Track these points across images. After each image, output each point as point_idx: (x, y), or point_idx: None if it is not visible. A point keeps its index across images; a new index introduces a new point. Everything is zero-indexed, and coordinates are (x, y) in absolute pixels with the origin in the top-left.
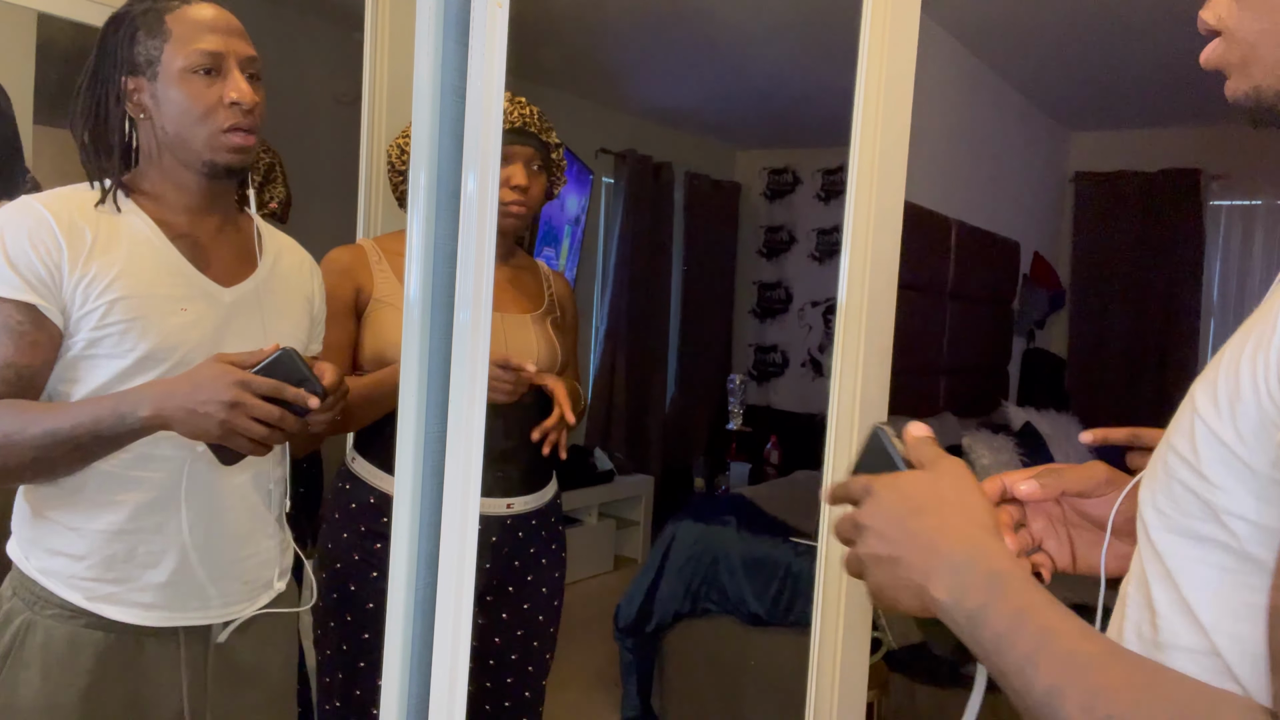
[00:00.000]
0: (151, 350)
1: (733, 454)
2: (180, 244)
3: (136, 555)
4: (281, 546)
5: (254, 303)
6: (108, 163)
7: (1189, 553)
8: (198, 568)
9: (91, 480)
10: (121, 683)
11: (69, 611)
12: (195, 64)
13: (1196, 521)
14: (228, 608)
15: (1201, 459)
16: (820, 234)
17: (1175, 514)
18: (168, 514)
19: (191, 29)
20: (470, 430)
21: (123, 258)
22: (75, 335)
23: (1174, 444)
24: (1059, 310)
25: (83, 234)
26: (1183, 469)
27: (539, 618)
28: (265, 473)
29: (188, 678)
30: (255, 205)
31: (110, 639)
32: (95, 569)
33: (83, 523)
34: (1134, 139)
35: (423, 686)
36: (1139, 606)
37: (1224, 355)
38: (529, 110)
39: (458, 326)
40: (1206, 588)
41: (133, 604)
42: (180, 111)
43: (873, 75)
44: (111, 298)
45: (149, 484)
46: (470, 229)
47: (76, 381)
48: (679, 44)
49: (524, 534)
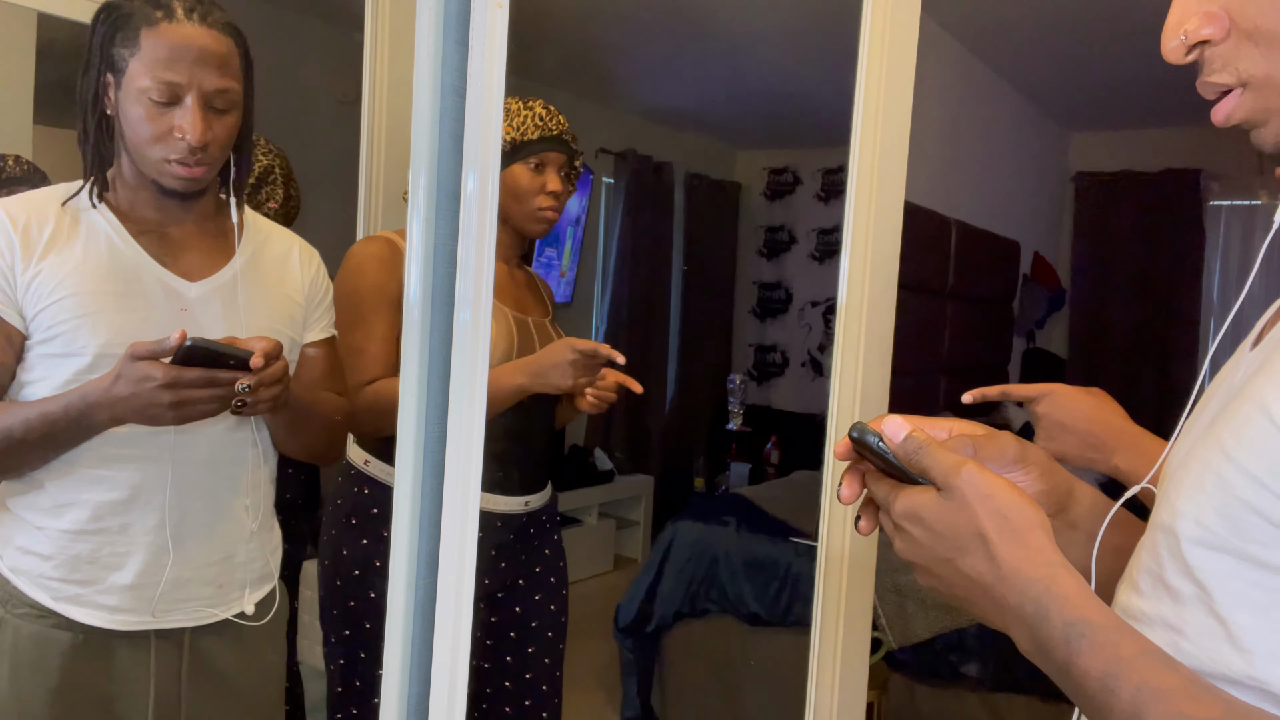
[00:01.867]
0: (104, 346)
1: (733, 454)
2: (146, 239)
3: (101, 556)
4: (266, 550)
5: (223, 296)
6: (92, 152)
7: (1239, 573)
8: (166, 571)
9: (52, 479)
10: (90, 685)
11: (38, 611)
12: (151, 90)
13: (1258, 546)
14: (200, 611)
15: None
16: (820, 234)
17: (1228, 533)
18: (132, 515)
19: (159, 51)
20: (470, 430)
21: (77, 256)
22: (34, 335)
23: (1236, 457)
24: (1059, 310)
25: (37, 234)
26: (1247, 486)
27: (551, 607)
28: (245, 475)
29: (156, 682)
30: (243, 204)
31: (78, 640)
32: (61, 569)
33: (48, 522)
34: (1134, 139)
35: (423, 686)
36: (1159, 624)
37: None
38: (561, 118)
39: (458, 326)
40: (1258, 614)
41: (99, 606)
42: (135, 126)
43: (873, 75)
44: (61, 295)
45: (111, 483)
46: (470, 229)
47: (41, 380)
48: (679, 44)
49: (534, 529)
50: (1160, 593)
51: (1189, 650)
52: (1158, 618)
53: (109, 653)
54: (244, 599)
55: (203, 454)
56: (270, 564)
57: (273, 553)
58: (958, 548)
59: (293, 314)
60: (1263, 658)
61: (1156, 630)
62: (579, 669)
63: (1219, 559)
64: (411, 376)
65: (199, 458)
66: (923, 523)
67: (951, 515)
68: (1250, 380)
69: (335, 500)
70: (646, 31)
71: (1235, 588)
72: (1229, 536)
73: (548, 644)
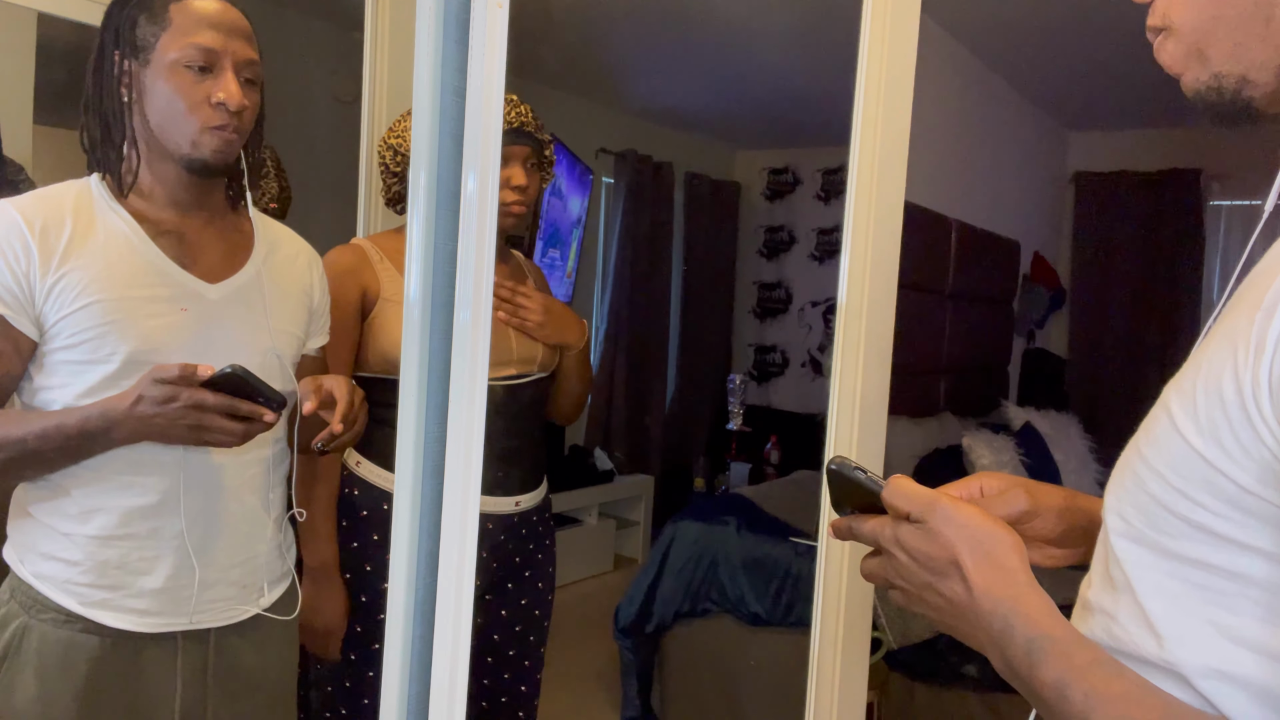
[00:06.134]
0: (133, 353)
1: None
2: (164, 241)
3: (130, 562)
4: (282, 549)
5: (244, 298)
6: (102, 151)
7: (1155, 564)
8: (194, 573)
9: (79, 486)
10: (118, 688)
11: (64, 616)
12: (188, 58)
13: (1167, 537)
14: (226, 612)
15: (1179, 475)
16: (820, 234)
17: (1143, 525)
18: (161, 519)
19: (192, 21)
20: (470, 430)
21: (99, 260)
22: (54, 341)
23: (1146, 455)
24: (1059, 310)
25: (55, 238)
26: (1155, 482)
27: (535, 612)
28: (264, 475)
29: (183, 683)
30: (250, 200)
31: (106, 644)
32: (89, 575)
33: (75, 528)
34: (1134, 139)
35: (423, 686)
36: (1099, 611)
37: (1201, 364)
38: (523, 109)
39: (458, 326)
40: (1169, 601)
41: (128, 610)
42: (165, 104)
43: (873, 75)
44: (86, 301)
45: (139, 489)
46: (470, 229)
47: (63, 387)
48: (679, 44)
49: (526, 531)
50: (1104, 582)
51: (1119, 635)
52: (1099, 606)
53: (136, 655)
54: (265, 596)
55: (228, 456)
56: (288, 560)
57: (288, 550)
58: (936, 572)
59: (303, 317)
60: (1173, 641)
61: (1099, 618)
62: (579, 669)
63: (1138, 550)
64: (411, 376)
65: (224, 461)
66: (906, 549)
67: (928, 544)
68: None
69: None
70: (646, 31)
71: (1152, 578)
72: (1144, 529)
73: (529, 647)
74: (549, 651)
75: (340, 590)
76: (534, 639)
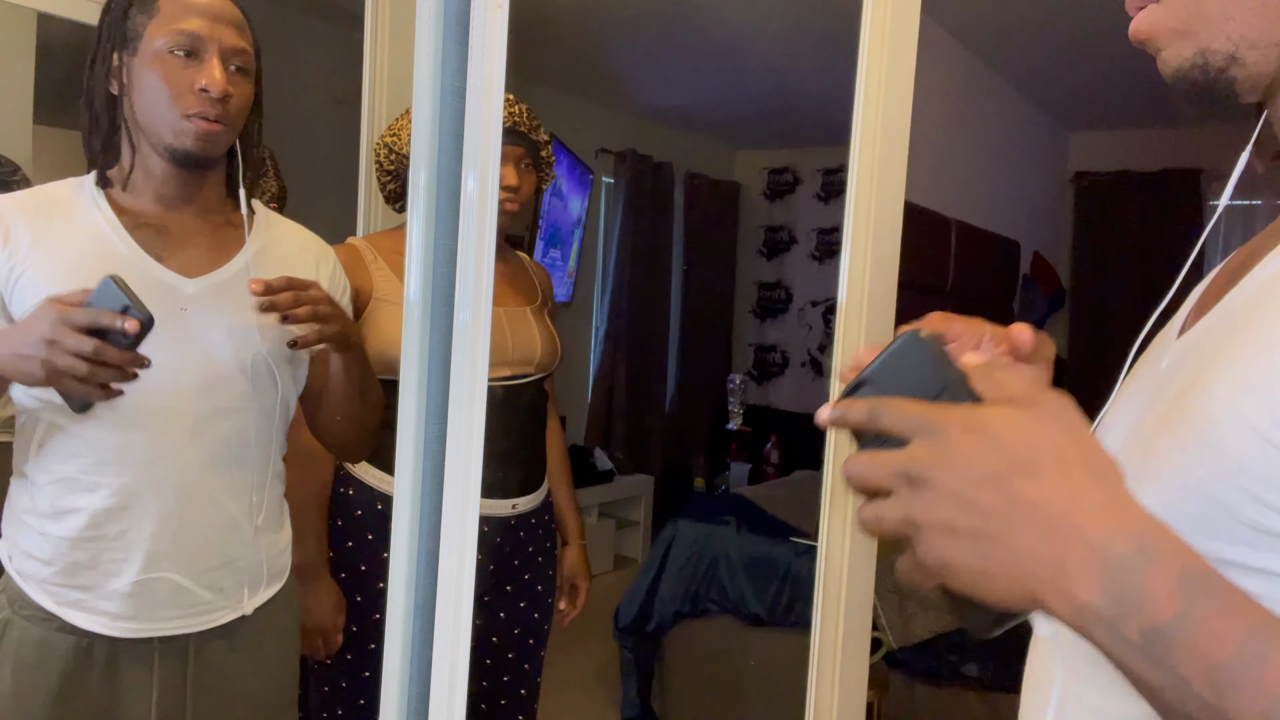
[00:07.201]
0: None
1: (733, 454)
2: (141, 234)
3: (101, 563)
4: (273, 550)
5: (226, 294)
6: (92, 144)
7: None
8: (166, 577)
9: (49, 485)
10: (92, 689)
11: (42, 614)
12: (173, 44)
13: (1221, 544)
14: (202, 617)
15: (1253, 477)
16: (820, 234)
17: (1191, 532)
18: (129, 522)
19: (179, 9)
20: (470, 430)
21: (68, 252)
22: None
23: (1204, 457)
24: (1059, 310)
25: (21, 234)
26: (1215, 485)
27: (535, 615)
28: (243, 477)
29: (160, 690)
30: (251, 192)
31: (81, 645)
32: (61, 574)
33: (49, 527)
34: (1134, 139)
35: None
36: None
37: (1273, 362)
38: (518, 109)
39: (458, 326)
40: None
41: (99, 613)
42: (151, 91)
43: (873, 75)
44: (48, 293)
45: (107, 489)
46: (470, 229)
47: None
48: (679, 44)
49: (524, 533)
50: None
51: None
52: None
53: (111, 660)
54: (245, 602)
55: (203, 458)
56: (279, 563)
57: (283, 551)
58: (1024, 465)
59: None
60: None
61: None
62: (579, 669)
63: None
64: (411, 376)
65: (199, 463)
66: (982, 431)
67: (1029, 429)
68: (1201, 371)
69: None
70: (646, 31)
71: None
72: (1192, 535)
73: (529, 650)
74: (549, 652)
75: (329, 589)
76: (533, 642)
